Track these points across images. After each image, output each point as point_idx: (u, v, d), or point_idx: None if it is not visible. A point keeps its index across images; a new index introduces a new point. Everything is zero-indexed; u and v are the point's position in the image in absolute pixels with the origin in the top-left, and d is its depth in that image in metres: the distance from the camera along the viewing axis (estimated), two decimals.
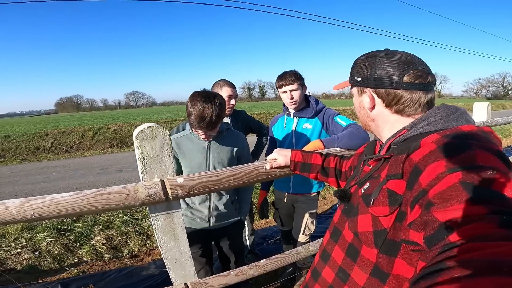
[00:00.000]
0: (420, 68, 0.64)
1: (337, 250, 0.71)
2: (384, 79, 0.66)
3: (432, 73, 0.66)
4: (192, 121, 1.29)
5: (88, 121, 16.41)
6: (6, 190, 5.39)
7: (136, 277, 2.25)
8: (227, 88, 1.87)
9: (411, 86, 0.64)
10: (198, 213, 1.52)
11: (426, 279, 0.32)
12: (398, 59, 0.65)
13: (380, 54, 0.68)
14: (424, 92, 0.65)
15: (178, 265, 1.13)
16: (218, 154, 1.46)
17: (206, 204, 1.50)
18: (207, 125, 1.27)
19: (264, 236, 2.88)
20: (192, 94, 1.32)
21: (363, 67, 0.70)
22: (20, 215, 0.89)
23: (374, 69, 0.68)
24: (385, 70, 0.66)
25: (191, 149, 1.45)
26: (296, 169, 1.13)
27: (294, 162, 1.12)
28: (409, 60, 0.65)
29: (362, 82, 0.71)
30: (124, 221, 3.23)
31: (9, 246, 2.74)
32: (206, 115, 1.25)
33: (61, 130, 11.79)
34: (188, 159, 1.46)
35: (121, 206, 0.95)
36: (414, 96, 0.64)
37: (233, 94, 1.90)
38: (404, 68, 0.64)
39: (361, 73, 0.71)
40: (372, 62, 0.69)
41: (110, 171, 6.72)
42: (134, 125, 12.90)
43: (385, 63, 0.66)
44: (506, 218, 0.36)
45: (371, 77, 0.68)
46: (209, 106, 1.25)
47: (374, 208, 0.60)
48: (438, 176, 0.46)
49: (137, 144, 0.95)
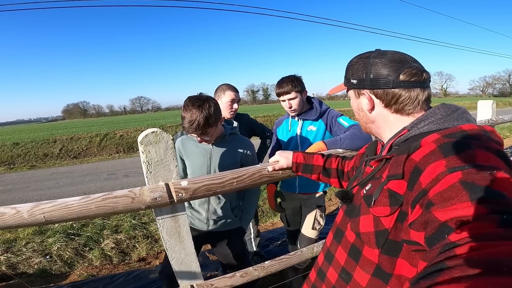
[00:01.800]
0: (414, 66, 0.65)
1: (340, 251, 0.71)
2: (380, 79, 0.66)
3: (426, 70, 0.67)
4: (184, 126, 1.31)
5: (95, 127, 16.65)
6: (16, 196, 5.52)
7: (145, 280, 2.28)
8: (230, 92, 1.89)
9: (408, 84, 0.64)
10: (197, 214, 1.55)
11: (426, 279, 0.33)
12: (390, 58, 0.66)
13: (373, 55, 0.69)
14: (421, 89, 0.65)
15: (184, 267, 1.15)
16: (220, 158, 1.47)
17: (205, 206, 1.52)
18: (196, 129, 1.28)
19: (270, 238, 2.88)
20: (186, 99, 1.34)
21: (358, 69, 0.71)
22: (31, 218, 0.92)
23: (369, 70, 0.68)
24: (380, 71, 0.66)
25: (194, 151, 1.49)
26: (298, 171, 1.14)
27: (296, 163, 1.13)
28: (401, 58, 0.66)
29: (359, 84, 0.71)
30: (132, 225, 3.27)
31: (20, 250, 2.80)
32: (194, 120, 1.26)
33: (68, 137, 12.01)
34: (190, 160, 1.51)
35: (128, 209, 0.97)
36: (412, 94, 0.65)
37: (236, 98, 1.92)
38: (399, 66, 0.65)
39: (356, 75, 0.71)
40: (366, 63, 0.69)
41: (118, 176, 6.81)
42: (140, 130, 13.04)
43: (379, 63, 0.67)
44: (506, 217, 0.36)
45: (367, 78, 0.68)
46: (196, 110, 1.26)
47: (375, 208, 0.60)
48: (438, 176, 0.46)
49: (142, 149, 0.98)
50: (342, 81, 0.82)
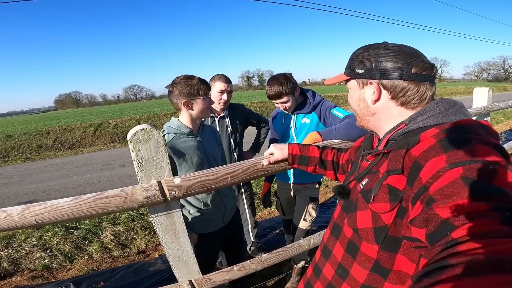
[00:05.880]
0: (426, 60, 0.64)
1: (338, 247, 0.71)
2: (391, 70, 0.64)
3: (435, 65, 0.65)
4: (199, 87, 1.36)
5: (88, 117, 16.40)
6: (12, 190, 5.48)
7: (144, 273, 2.30)
8: (220, 83, 1.86)
9: (419, 77, 0.63)
10: (213, 216, 1.50)
11: (429, 277, 0.32)
12: (402, 50, 0.64)
13: (383, 46, 0.67)
14: (430, 84, 0.64)
15: (182, 263, 1.15)
16: (210, 146, 1.51)
17: (221, 209, 1.52)
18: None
19: (267, 228, 2.91)
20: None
21: (367, 58, 0.68)
22: (23, 221, 0.90)
23: (380, 60, 0.66)
24: (392, 61, 0.64)
25: (186, 146, 1.40)
26: (294, 163, 1.13)
27: (292, 155, 1.11)
28: (413, 51, 0.65)
29: (366, 74, 0.68)
30: (130, 216, 3.27)
31: (20, 245, 2.80)
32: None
33: (62, 127, 11.83)
34: (188, 154, 1.39)
35: (121, 209, 0.95)
36: (421, 88, 0.63)
37: (226, 89, 1.88)
38: (411, 59, 0.63)
39: (364, 64, 0.68)
40: (377, 53, 0.67)
41: (114, 166, 6.78)
42: (135, 119, 12.88)
43: (391, 54, 0.65)
44: (509, 214, 0.36)
45: (377, 68, 0.66)
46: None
47: (375, 204, 0.59)
48: (439, 172, 0.45)
49: (131, 147, 0.95)
50: (335, 69, 0.79)
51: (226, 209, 1.53)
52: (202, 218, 1.45)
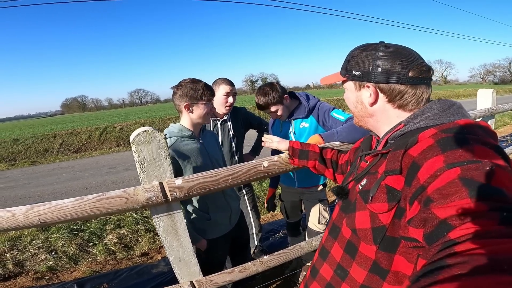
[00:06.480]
0: (423, 63, 0.63)
1: (336, 247, 0.71)
2: (389, 73, 0.64)
3: (431, 67, 0.65)
4: (203, 92, 1.37)
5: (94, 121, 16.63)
6: (19, 193, 5.56)
7: (147, 275, 2.31)
8: (224, 86, 1.87)
9: (416, 80, 0.62)
10: (220, 219, 1.50)
11: (426, 277, 0.32)
12: (399, 53, 0.64)
13: (379, 47, 0.66)
14: (426, 86, 0.64)
15: (183, 264, 1.16)
16: (212, 148, 1.52)
17: (227, 212, 1.53)
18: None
19: (270, 231, 2.90)
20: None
21: (363, 60, 0.67)
22: (27, 221, 0.92)
23: (376, 63, 0.65)
24: (389, 65, 0.63)
25: (190, 149, 1.40)
26: (295, 156, 1.14)
27: (293, 148, 1.14)
28: (410, 53, 0.64)
29: (362, 77, 0.68)
30: (134, 220, 3.29)
31: (26, 247, 2.83)
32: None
33: (68, 131, 12.01)
34: (193, 157, 1.38)
35: (123, 209, 0.97)
36: (418, 91, 0.63)
37: (231, 91, 1.89)
38: (408, 62, 0.62)
39: (360, 66, 0.68)
40: (373, 56, 0.66)
41: (119, 170, 6.84)
42: (140, 123, 13.01)
43: (387, 57, 0.64)
44: (506, 215, 0.36)
45: (374, 71, 0.65)
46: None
47: (373, 204, 0.59)
48: (437, 172, 0.45)
49: (134, 148, 0.97)
50: (335, 71, 0.78)
51: (231, 211, 1.54)
52: (210, 222, 1.45)
